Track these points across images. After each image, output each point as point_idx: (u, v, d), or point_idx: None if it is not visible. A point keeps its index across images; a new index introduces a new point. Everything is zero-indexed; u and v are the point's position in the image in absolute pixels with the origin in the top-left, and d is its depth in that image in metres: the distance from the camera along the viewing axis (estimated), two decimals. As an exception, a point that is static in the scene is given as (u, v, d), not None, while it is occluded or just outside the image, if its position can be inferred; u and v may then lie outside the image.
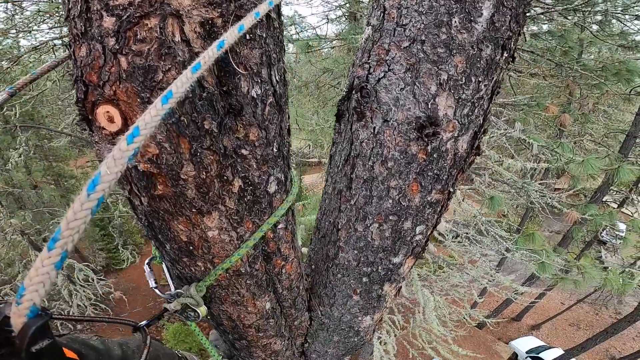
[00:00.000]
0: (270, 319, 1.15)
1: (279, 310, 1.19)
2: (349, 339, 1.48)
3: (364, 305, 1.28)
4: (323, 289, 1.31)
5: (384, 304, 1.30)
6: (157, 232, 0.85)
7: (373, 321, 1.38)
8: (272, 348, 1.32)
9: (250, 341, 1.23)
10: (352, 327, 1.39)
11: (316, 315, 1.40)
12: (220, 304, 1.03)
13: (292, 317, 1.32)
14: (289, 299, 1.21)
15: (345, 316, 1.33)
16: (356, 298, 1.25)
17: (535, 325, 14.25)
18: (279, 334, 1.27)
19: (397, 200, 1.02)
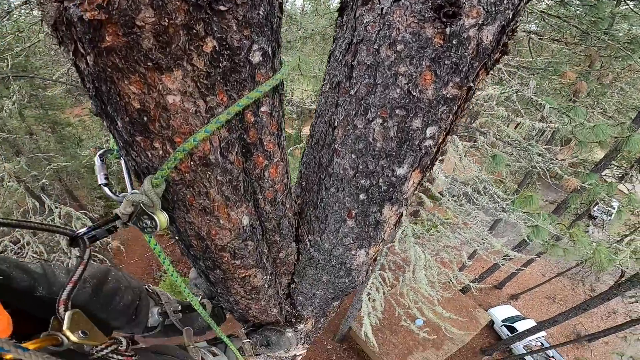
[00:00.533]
0: (248, 241, 0.96)
1: (259, 232, 1.00)
2: (340, 279, 1.32)
3: (359, 235, 1.09)
4: (313, 210, 1.12)
5: (381, 234, 1.11)
6: (106, 102, 0.64)
7: (367, 257, 1.21)
8: (252, 283, 1.15)
9: (225, 271, 1.05)
10: (343, 264, 1.22)
11: (304, 247, 1.22)
12: (185, 212, 0.82)
13: (276, 246, 1.14)
14: (273, 218, 1.02)
15: (337, 249, 1.15)
16: (350, 224, 1.06)
17: (515, 295, 14.73)
18: (259, 264, 1.09)
19: (406, 90, 0.81)
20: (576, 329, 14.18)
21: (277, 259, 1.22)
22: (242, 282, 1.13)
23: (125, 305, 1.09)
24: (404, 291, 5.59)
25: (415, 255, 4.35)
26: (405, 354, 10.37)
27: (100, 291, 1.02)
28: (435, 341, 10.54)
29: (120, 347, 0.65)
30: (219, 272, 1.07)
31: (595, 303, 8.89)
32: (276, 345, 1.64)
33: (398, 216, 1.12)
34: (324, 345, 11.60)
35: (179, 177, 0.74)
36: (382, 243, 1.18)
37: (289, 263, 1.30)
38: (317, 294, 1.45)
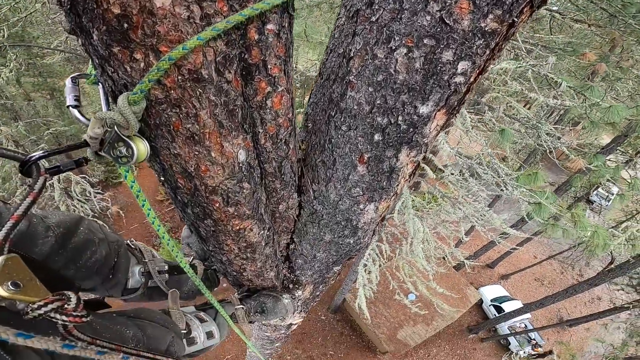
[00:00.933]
0: (244, 184, 0.83)
1: (258, 174, 0.87)
2: (344, 239, 1.20)
3: (370, 185, 0.96)
4: (320, 153, 0.98)
5: (394, 185, 0.98)
6: (82, 13, 0.55)
7: (376, 214, 1.09)
8: (248, 238, 1.03)
9: (217, 222, 0.92)
10: (349, 221, 1.09)
11: (307, 200, 1.09)
12: (170, 141, 0.68)
13: (276, 196, 1.01)
14: (274, 159, 0.88)
15: (344, 201, 1.02)
16: (361, 170, 0.93)
17: (506, 275, 14.96)
18: (256, 215, 0.96)
19: (437, 18, 0.70)
20: (559, 313, 14.51)
21: (276, 212, 1.09)
22: (236, 237, 1.00)
23: (98, 262, 0.95)
24: (400, 264, 5.58)
25: (414, 227, 4.28)
26: (396, 328, 10.60)
27: (67, 243, 0.87)
28: (425, 316, 10.77)
29: (67, 305, 0.50)
30: (210, 223, 0.94)
31: (583, 288, 9.00)
32: (271, 313, 1.53)
33: (414, 166, 0.99)
34: (318, 316, 11.85)
35: (164, 94, 0.60)
36: (393, 198, 1.05)
37: (289, 218, 1.18)
38: (317, 257, 1.34)
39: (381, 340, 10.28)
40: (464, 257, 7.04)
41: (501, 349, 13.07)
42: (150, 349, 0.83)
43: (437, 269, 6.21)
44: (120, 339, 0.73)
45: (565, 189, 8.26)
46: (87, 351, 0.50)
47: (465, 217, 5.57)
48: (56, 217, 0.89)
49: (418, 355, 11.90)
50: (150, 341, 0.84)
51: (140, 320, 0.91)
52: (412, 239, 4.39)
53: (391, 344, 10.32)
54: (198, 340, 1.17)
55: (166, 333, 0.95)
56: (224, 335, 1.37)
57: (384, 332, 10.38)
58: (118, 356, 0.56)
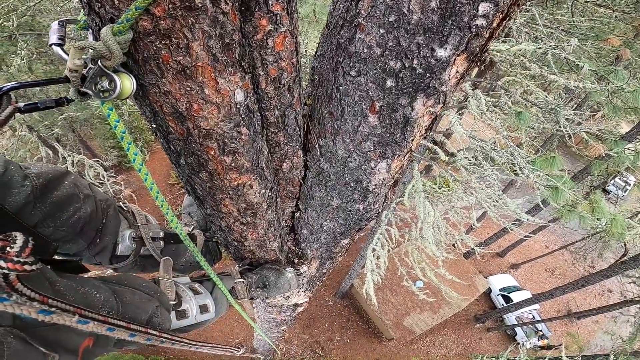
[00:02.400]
0: (242, 128, 0.73)
1: (258, 121, 0.77)
2: (353, 204, 1.10)
3: (382, 138, 0.86)
4: (327, 104, 0.88)
5: (409, 139, 0.88)
6: None
7: (389, 174, 0.98)
8: (247, 197, 0.93)
9: (213, 175, 0.83)
10: (359, 182, 0.99)
11: (314, 157, 1.00)
12: (159, 77, 0.60)
13: (279, 150, 0.92)
14: (276, 107, 0.79)
15: (353, 157, 0.92)
16: (373, 121, 0.83)
17: (516, 264, 14.74)
18: (256, 169, 0.87)
19: None
20: (568, 305, 14.27)
21: (279, 171, 1.00)
22: (235, 195, 0.91)
23: (82, 220, 0.86)
24: (409, 250, 5.48)
25: (425, 211, 4.16)
26: (403, 315, 10.57)
27: (46, 196, 0.79)
28: (432, 304, 10.71)
29: (10, 248, 0.40)
30: (205, 177, 0.85)
31: (594, 280, 8.78)
32: (274, 288, 1.44)
33: (431, 119, 0.88)
34: (325, 301, 11.88)
35: (153, 24, 0.52)
36: (407, 155, 0.94)
37: (294, 181, 1.08)
38: (324, 226, 1.25)
39: (387, 327, 10.28)
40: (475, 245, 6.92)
41: (507, 339, 12.98)
42: (125, 317, 0.73)
43: (447, 256, 6.11)
44: (85, 302, 0.63)
45: (581, 177, 7.98)
46: (24, 307, 0.40)
47: (478, 203, 5.42)
48: (38, 168, 0.81)
49: (424, 342, 11.89)
50: (127, 309, 0.75)
51: (119, 285, 0.82)
52: (422, 223, 4.27)
53: (397, 330, 10.31)
54: (190, 314, 1.08)
55: (148, 302, 0.85)
56: (222, 311, 1.29)
57: (390, 319, 10.38)
58: (72, 319, 0.46)
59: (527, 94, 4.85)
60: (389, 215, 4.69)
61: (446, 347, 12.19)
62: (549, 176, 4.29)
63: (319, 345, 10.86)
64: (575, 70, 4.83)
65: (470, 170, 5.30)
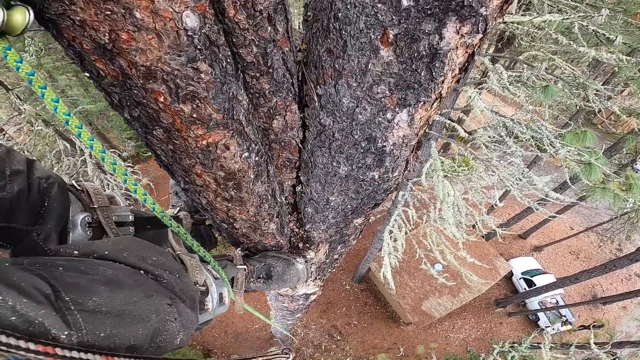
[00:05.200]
0: (200, 64, 0.51)
1: (226, 56, 0.55)
2: (366, 171, 0.87)
3: (401, 78, 0.62)
4: (324, 40, 0.65)
5: (438, 79, 0.64)
6: None
7: (411, 130, 0.75)
8: (225, 163, 0.71)
9: (169, 131, 0.61)
10: (373, 140, 0.76)
11: (312, 112, 0.77)
12: (66, 4, 0.39)
13: (265, 102, 0.69)
14: (253, 42, 0.57)
15: (363, 107, 0.69)
16: (386, 55, 0.59)
17: (539, 247, 14.26)
18: (232, 123, 0.65)
19: None
20: (594, 290, 13.75)
21: (269, 130, 0.78)
22: (207, 159, 0.69)
23: (12, 196, 0.66)
24: (427, 232, 5.24)
25: (444, 191, 3.89)
26: (421, 299, 10.39)
27: None
28: (452, 288, 10.46)
29: None
30: (162, 135, 0.63)
31: (622, 263, 8.33)
32: (279, 280, 1.21)
33: (467, 55, 0.64)
34: (342, 285, 11.80)
35: None
36: (436, 103, 0.71)
37: (291, 144, 0.86)
38: (332, 202, 1.03)
39: (405, 311, 10.14)
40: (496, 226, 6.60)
41: (529, 324, 12.64)
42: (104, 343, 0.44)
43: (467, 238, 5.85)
44: None
45: (609, 155, 7.46)
46: None
47: (500, 182, 5.11)
48: (16, 158, 0.61)
49: (442, 327, 11.72)
50: (113, 328, 0.46)
51: (112, 270, 0.51)
52: (441, 203, 4.01)
53: (415, 315, 10.16)
54: (210, 306, 0.82)
55: (154, 302, 0.53)
56: None
57: (408, 303, 10.22)
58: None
59: (551, 69, 4.48)
60: (405, 196, 4.44)
61: (465, 331, 11.99)
62: (581, 151, 3.93)
63: (337, 330, 10.84)
64: (606, 43, 4.43)
65: (492, 147, 4.98)
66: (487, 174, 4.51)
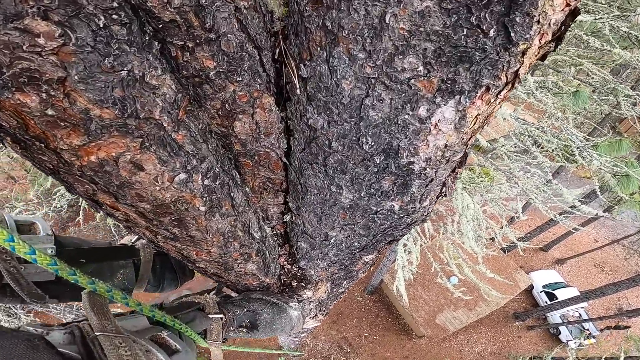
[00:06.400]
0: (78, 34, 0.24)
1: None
2: (381, 201, 0.57)
3: (448, 36, 0.32)
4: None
5: (520, 42, 0.34)
6: None
7: (459, 134, 0.45)
8: (142, 190, 0.43)
9: (37, 139, 0.34)
10: (393, 153, 0.47)
11: (297, 109, 0.48)
12: None
13: (212, 88, 0.41)
14: None
15: (376, 94, 0.39)
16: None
17: (561, 260, 13.66)
18: (138, 125, 0.37)
19: None
20: (619, 303, 13.07)
21: (232, 137, 0.50)
22: (109, 184, 0.41)
23: None
24: (444, 245, 4.89)
25: (463, 204, 3.55)
26: (435, 312, 9.95)
27: None
28: (468, 301, 9.98)
29: None
30: (37, 146, 0.35)
31: None
32: (267, 329, 0.94)
33: (568, 8, 0.33)
34: (354, 297, 11.42)
35: None
36: (505, 89, 0.41)
37: (270, 158, 0.57)
38: (332, 237, 0.73)
39: (418, 324, 9.73)
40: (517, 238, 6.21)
41: (549, 338, 12.08)
42: None
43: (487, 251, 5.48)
44: None
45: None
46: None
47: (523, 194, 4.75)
48: None
49: (457, 340, 11.25)
50: None
51: None
52: (460, 216, 3.67)
53: (429, 328, 9.74)
54: None
55: None
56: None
57: (421, 316, 9.80)
58: None
59: (578, 74, 4.16)
60: (450, 193, 4.14)
61: (481, 345, 11.48)
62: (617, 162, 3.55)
63: (347, 342, 10.49)
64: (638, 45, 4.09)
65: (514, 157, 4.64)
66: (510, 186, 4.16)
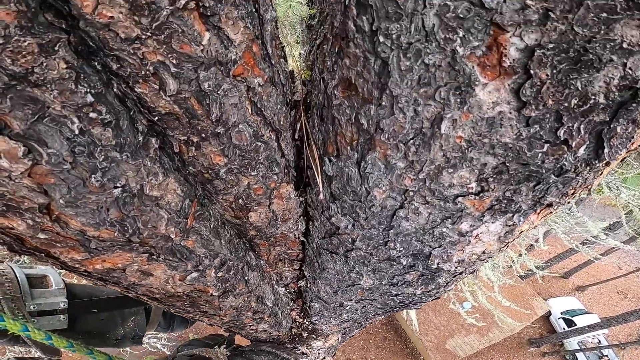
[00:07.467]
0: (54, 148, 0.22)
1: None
2: (402, 288, 0.54)
3: (519, 151, 0.30)
4: (340, 43, 0.34)
5: (610, 156, 0.31)
6: None
7: (500, 244, 0.42)
8: (163, 289, 0.41)
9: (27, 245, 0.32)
10: (423, 258, 0.44)
11: (317, 202, 0.46)
12: None
13: (219, 180, 0.39)
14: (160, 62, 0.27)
15: (414, 207, 0.36)
16: (490, 96, 0.28)
17: (582, 287, 13.18)
18: (144, 242, 0.35)
19: None
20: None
21: (246, 224, 0.47)
22: (118, 283, 0.40)
23: None
24: (459, 274, 4.76)
25: (483, 234, 3.45)
26: (446, 337, 9.65)
27: None
28: (480, 327, 9.67)
29: None
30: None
31: None
32: None
33: None
34: (360, 316, 11.24)
35: None
36: (563, 201, 0.37)
37: (286, 238, 0.55)
38: (347, 306, 0.70)
39: (427, 349, 9.44)
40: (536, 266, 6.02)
41: (565, 365, 11.63)
42: None
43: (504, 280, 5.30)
44: None
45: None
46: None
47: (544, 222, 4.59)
48: None
49: (466, 366, 10.87)
50: None
51: None
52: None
53: (438, 353, 9.44)
54: None
55: None
56: None
57: (431, 340, 9.51)
58: None
59: None
60: None
61: (492, 371, 11.07)
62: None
63: (352, 363, 10.29)
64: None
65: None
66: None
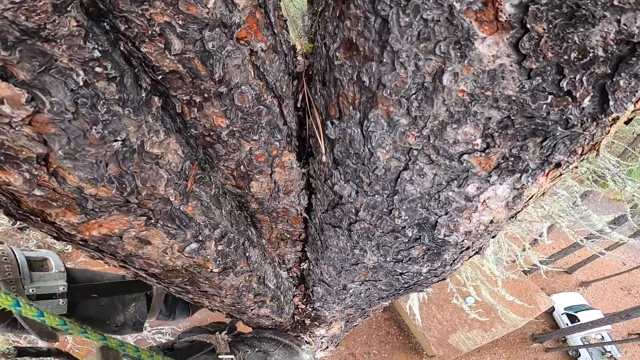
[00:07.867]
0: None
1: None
2: (407, 265, 0.53)
3: (523, 103, 0.28)
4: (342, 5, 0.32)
5: (618, 109, 0.29)
6: None
7: (509, 212, 0.40)
8: (161, 262, 0.40)
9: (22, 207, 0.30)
10: (429, 227, 0.42)
11: (320, 169, 0.44)
12: None
13: (221, 143, 0.38)
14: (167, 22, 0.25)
15: (418, 167, 0.35)
16: (488, 49, 0.26)
17: (586, 282, 13.14)
18: (142, 203, 0.33)
19: None
20: (646, 326, 12.49)
21: (247, 195, 0.46)
22: (114, 253, 0.39)
23: None
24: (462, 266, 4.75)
25: (486, 227, 3.43)
26: (449, 332, 9.65)
27: None
28: (483, 322, 9.66)
29: None
30: None
31: None
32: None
33: None
34: (363, 312, 11.28)
35: None
36: (577, 160, 0.35)
37: (288, 214, 0.53)
38: (351, 288, 0.68)
39: (430, 344, 9.45)
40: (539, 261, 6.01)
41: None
42: None
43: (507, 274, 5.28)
44: None
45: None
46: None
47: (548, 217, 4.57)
48: None
49: (468, 361, 10.91)
50: None
51: None
52: (481, 239, 3.55)
53: (440, 348, 9.44)
54: None
55: None
56: None
57: (434, 335, 9.52)
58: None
59: None
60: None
61: (494, 366, 11.10)
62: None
63: (355, 358, 10.31)
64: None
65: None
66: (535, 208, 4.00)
